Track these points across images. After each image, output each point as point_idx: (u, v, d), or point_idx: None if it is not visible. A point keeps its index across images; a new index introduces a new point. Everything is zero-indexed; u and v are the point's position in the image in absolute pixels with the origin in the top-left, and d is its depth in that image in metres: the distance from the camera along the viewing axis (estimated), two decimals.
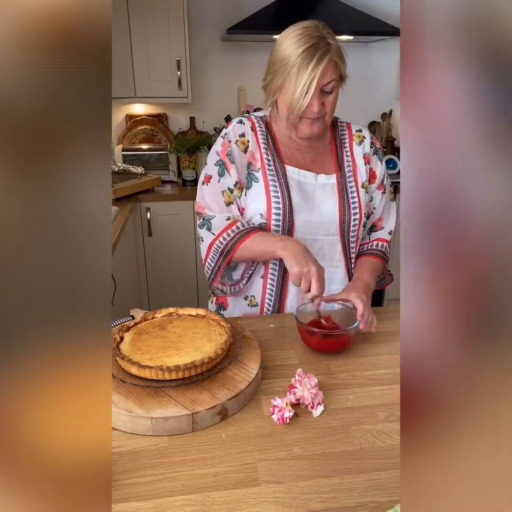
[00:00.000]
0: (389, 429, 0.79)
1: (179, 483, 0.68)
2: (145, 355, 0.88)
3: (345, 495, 0.67)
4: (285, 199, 1.15)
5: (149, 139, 3.05)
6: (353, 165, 1.22)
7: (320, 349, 1.01)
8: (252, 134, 1.18)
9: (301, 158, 1.20)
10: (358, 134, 1.25)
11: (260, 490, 0.67)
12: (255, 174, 1.17)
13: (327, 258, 1.20)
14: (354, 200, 1.19)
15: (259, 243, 1.11)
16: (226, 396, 0.81)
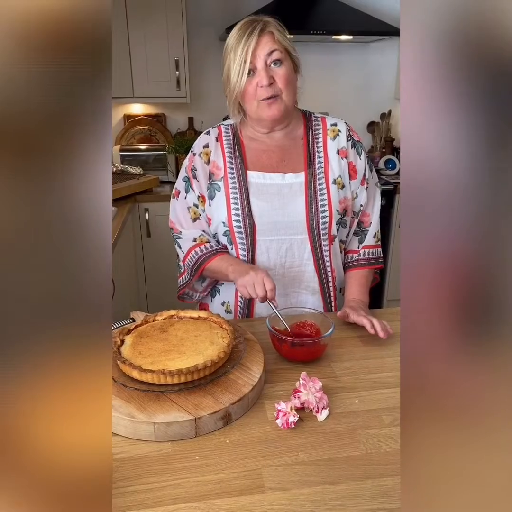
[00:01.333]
0: (394, 434, 0.78)
1: (183, 490, 0.67)
2: (147, 359, 0.86)
3: (352, 502, 0.65)
4: (243, 204, 1.16)
5: (147, 140, 3.03)
6: (324, 161, 1.19)
7: (290, 357, 0.97)
8: (217, 144, 1.20)
9: (268, 160, 1.19)
10: (333, 128, 1.21)
11: (265, 497, 0.66)
12: (218, 183, 1.18)
13: (296, 257, 1.20)
14: (323, 198, 1.17)
15: (217, 267, 1.17)
16: (229, 401, 0.80)
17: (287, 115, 1.16)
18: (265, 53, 1.06)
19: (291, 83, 1.11)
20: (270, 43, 1.06)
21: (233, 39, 1.08)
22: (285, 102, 1.11)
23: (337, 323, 0.99)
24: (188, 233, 1.24)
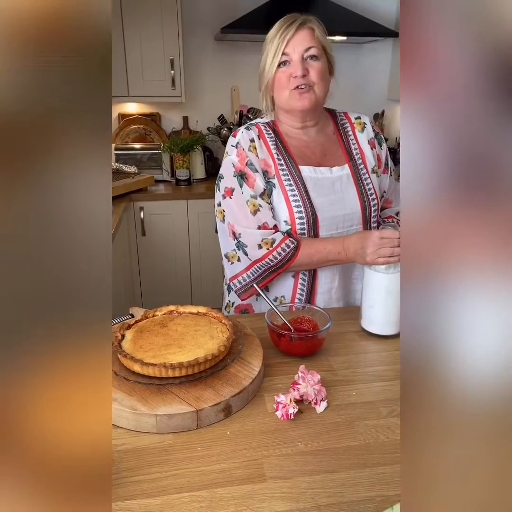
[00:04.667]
0: (392, 424, 0.80)
1: (186, 480, 0.68)
2: (148, 353, 0.87)
3: (351, 489, 0.67)
4: (305, 201, 1.14)
5: (142, 139, 3.04)
6: (360, 152, 1.23)
7: (289, 351, 0.98)
8: (260, 142, 1.17)
9: (312, 155, 1.20)
10: (359, 122, 1.26)
11: (266, 485, 0.67)
12: (272, 181, 1.16)
13: None
14: (369, 187, 1.20)
15: (316, 253, 1.13)
16: (230, 393, 0.81)
17: (317, 109, 1.17)
18: (303, 48, 1.07)
19: (324, 79, 1.12)
20: (309, 38, 1.07)
21: (273, 31, 1.10)
22: (316, 95, 1.12)
23: (334, 318, 1.01)
24: (249, 233, 1.15)
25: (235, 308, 1.32)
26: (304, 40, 1.07)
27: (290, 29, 1.07)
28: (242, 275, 1.20)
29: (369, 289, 1.06)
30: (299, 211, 1.14)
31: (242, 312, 1.31)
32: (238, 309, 1.31)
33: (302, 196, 1.14)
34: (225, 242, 1.22)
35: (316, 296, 1.22)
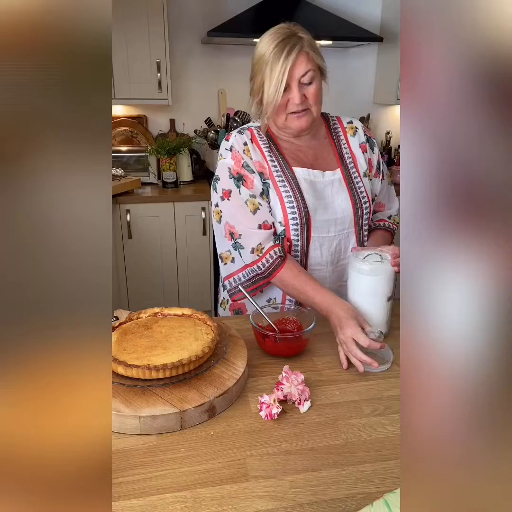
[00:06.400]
0: (374, 423, 0.81)
1: (169, 481, 0.68)
2: (132, 355, 0.87)
3: (333, 487, 0.68)
4: (299, 202, 1.15)
5: (128, 141, 3.03)
6: (352, 157, 1.24)
7: (273, 352, 0.99)
8: (253, 145, 1.18)
9: (305, 157, 1.21)
10: (350, 126, 1.28)
11: (250, 485, 0.68)
12: (267, 182, 1.17)
13: (342, 252, 1.22)
14: (361, 190, 1.22)
15: (296, 284, 1.10)
16: (214, 394, 0.81)
17: (314, 125, 1.20)
18: (300, 73, 1.08)
19: (320, 97, 1.14)
20: (304, 63, 1.08)
21: (270, 54, 1.07)
22: (313, 115, 1.15)
23: (319, 319, 1.02)
24: (250, 233, 1.15)
25: (229, 306, 1.33)
26: (300, 66, 1.08)
27: (289, 59, 1.06)
28: (234, 276, 1.21)
29: (354, 291, 1.08)
30: (292, 211, 1.15)
31: (236, 311, 1.32)
32: (232, 307, 1.32)
33: (296, 196, 1.15)
34: (220, 242, 1.23)
35: None
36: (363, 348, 0.95)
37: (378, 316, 1.05)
